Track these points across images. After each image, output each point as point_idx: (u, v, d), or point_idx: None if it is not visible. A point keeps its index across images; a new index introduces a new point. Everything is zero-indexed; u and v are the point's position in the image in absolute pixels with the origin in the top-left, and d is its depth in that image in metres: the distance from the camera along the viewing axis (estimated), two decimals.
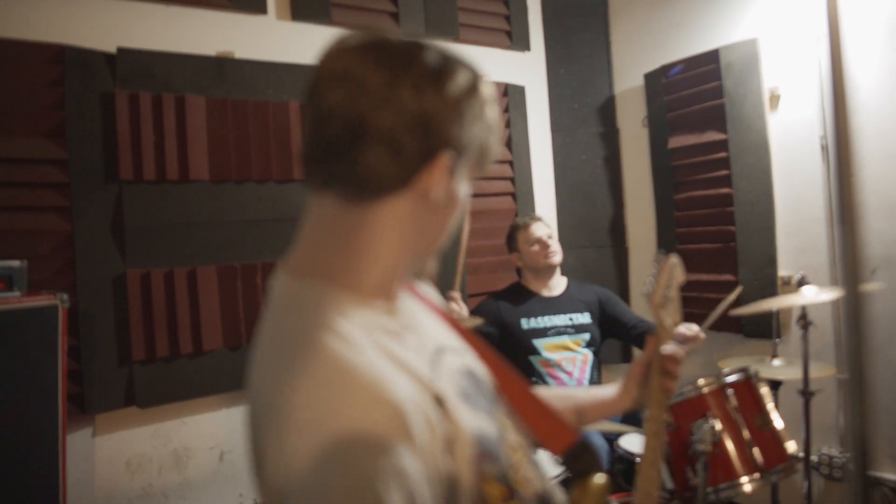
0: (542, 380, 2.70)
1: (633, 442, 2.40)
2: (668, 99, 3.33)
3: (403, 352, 0.76)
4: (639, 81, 3.50)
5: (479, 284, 3.25)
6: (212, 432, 2.54)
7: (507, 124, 3.46)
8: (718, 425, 2.04)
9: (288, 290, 0.79)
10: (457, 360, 0.87)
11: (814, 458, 2.83)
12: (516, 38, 3.54)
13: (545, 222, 2.84)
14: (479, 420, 0.79)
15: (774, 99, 2.96)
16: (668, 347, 1.16)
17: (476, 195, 3.24)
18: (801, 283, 2.31)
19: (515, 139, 3.48)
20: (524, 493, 0.81)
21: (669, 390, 1.14)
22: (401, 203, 0.76)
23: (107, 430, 2.35)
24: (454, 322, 1.01)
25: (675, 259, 1.27)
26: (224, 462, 2.55)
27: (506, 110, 3.46)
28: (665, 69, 3.32)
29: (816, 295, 2.26)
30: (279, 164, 2.65)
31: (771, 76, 2.95)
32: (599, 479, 0.88)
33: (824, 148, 2.78)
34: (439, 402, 0.73)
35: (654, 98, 3.42)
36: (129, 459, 2.38)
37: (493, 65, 3.45)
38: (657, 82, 3.38)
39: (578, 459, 0.91)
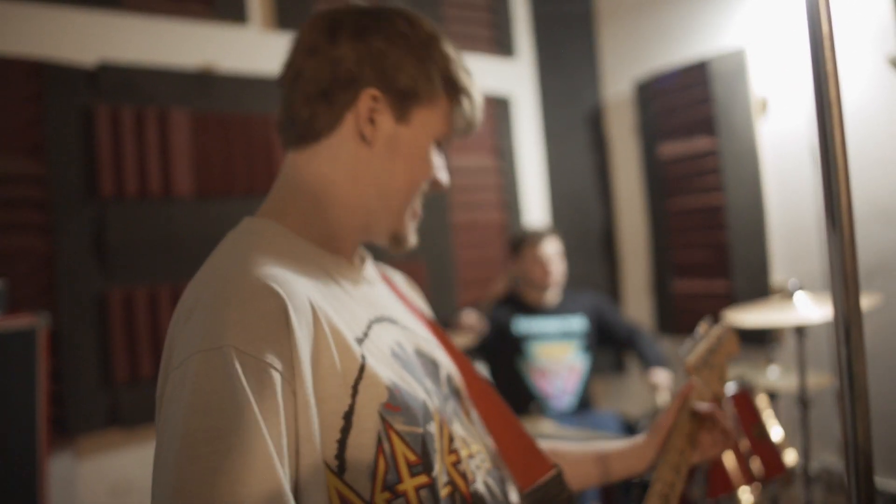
0: (530, 388, 2.66)
1: None
2: (657, 107, 3.32)
3: (327, 289, 0.76)
4: (628, 89, 3.49)
5: (470, 296, 3.21)
6: None
7: (495, 133, 3.44)
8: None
9: (237, 228, 0.84)
10: (402, 334, 0.86)
11: (814, 467, 2.80)
12: (503, 45, 3.52)
13: (557, 237, 2.80)
14: (402, 379, 0.77)
15: (764, 107, 2.94)
16: (700, 405, 1.04)
17: (463, 204, 3.22)
18: (795, 289, 2.28)
19: (503, 148, 3.46)
20: (457, 483, 0.77)
21: (688, 457, 1.00)
22: (338, 144, 0.82)
23: (90, 453, 2.29)
24: (430, 323, 0.99)
25: (727, 329, 1.19)
26: None
27: (493, 119, 3.44)
28: (657, 78, 3.31)
29: (811, 306, 2.23)
30: (265, 178, 2.61)
31: (760, 84, 2.94)
32: None
33: (814, 153, 2.76)
34: (343, 335, 0.72)
35: (644, 106, 3.40)
36: (114, 484, 2.31)
37: (480, 72, 3.42)
38: (647, 90, 3.37)
39: (554, 496, 0.87)
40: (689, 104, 3.17)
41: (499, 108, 3.47)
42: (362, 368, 0.71)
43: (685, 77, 3.18)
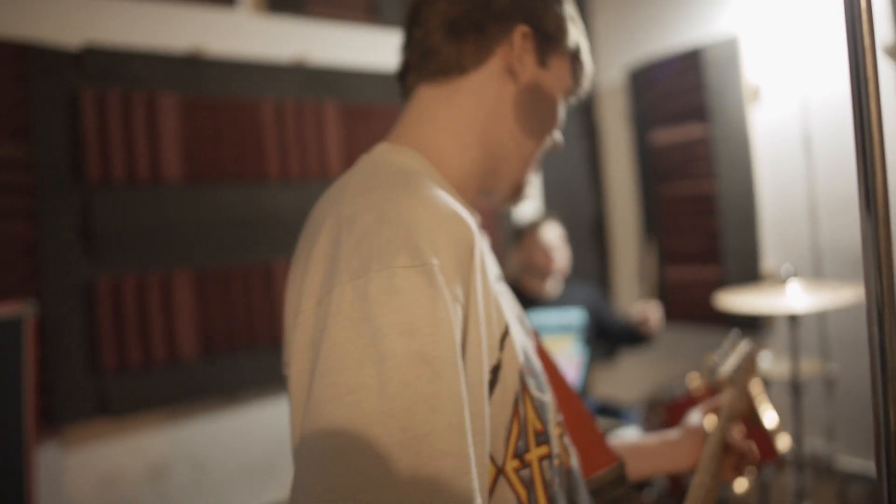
0: None
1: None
2: (650, 94, 3.31)
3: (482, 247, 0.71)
4: (621, 76, 3.48)
5: None
6: (190, 444, 2.45)
7: None
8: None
9: (374, 152, 0.77)
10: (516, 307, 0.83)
11: (807, 451, 2.83)
12: None
13: (558, 223, 2.78)
14: (526, 349, 0.75)
15: (756, 95, 2.94)
16: (739, 440, 1.03)
17: None
18: (789, 276, 2.29)
19: None
20: (563, 456, 0.75)
21: (724, 465, 1.02)
22: (485, 80, 0.78)
23: (78, 442, 2.25)
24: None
25: (751, 345, 1.18)
26: (205, 475, 2.47)
27: None
28: (651, 66, 3.30)
29: (802, 293, 2.24)
30: (255, 163, 2.57)
31: (752, 72, 2.94)
32: None
33: (806, 141, 2.77)
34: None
35: (636, 93, 3.39)
36: (102, 474, 2.28)
37: None
38: (640, 77, 3.36)
39: (611, 488, 0.84)
40: (682, 91, 3.17)
41: None
42: (507, 325, 0.68)
43: (678, 64, 3.17)
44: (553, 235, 2.69)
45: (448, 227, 0.60)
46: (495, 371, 0.64)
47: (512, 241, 2.84)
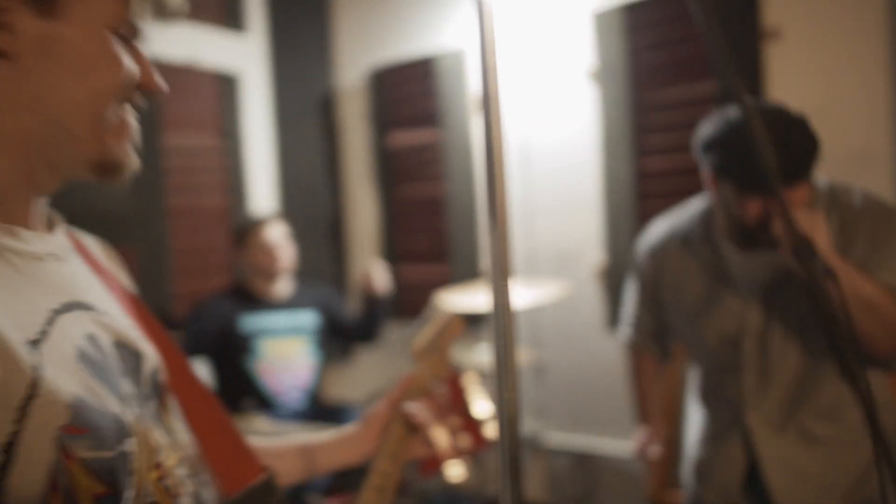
0: (258, 386, 2.55)
1: None
2: (388, 97, 3.40)
3: None
4: (361, 77, 3.51)
5: (190, 286, 2.98)
6: None
7: (220, 112, 3.23)
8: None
9: None
10: (98, 323, 0.68)
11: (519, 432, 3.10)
12: (233, 18, 3.31)
13: (282, 221, 2.68)
14: (91, 390, 0.62)
15: (479, 104, 3.15)
16: (413, 406, 1.04)
17: (181, 186, 2.97)
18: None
19: (229, 128, 3.26)
20: (161, 502, 0.66)
21: (407, 446, 1.03)
22: None
23: None
24: (134, 302, 0.82)
25: (453, 315, 1.19)
26: None
27: (219, 96, 3.22)
28: (389, 69, 3.37)
29: (514, 290, 2.47)
30: None
31: (477, 83, 3.14)
32: None
33: (521, 149, 3.04)
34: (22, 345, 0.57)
35: (375, 95, 3.45)
36: None
37: (206, 45, 3.18)
38: (379, 79, 3.42)
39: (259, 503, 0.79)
40: (416, 96, 3.30)
41: (225, 84, 3.26)
42: (35, 384, 0.55)
43: (414, 70, 3.29)
44: (276, 234, 2.61)
45: None
46: (8, 448, 0.54)
47: (234, 242, 2.71)
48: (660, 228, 1.65)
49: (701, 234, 1.51)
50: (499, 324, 0.67)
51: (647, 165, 2.75)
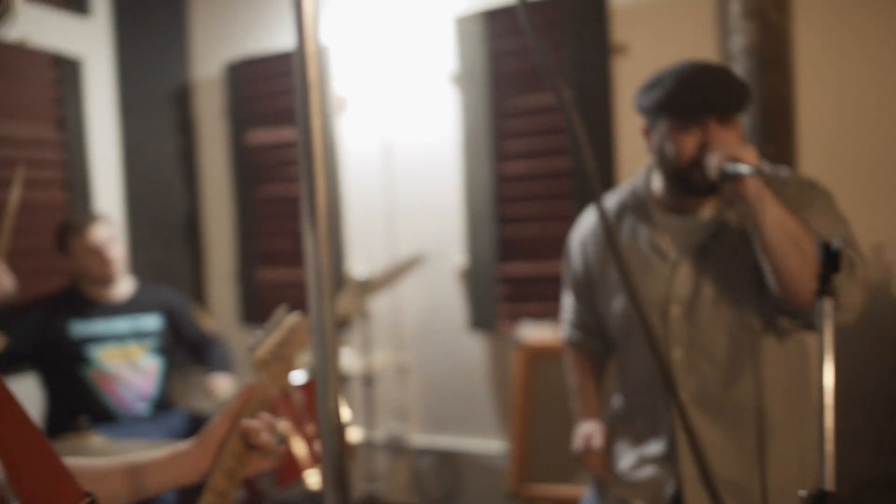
0: (96, 398, 2.35)
1: None
2: (247, 92, 3.26)
3: None
4: (219, 71, 3.35)
5: (24, 290, 2.70)
6: None
7: (59, 100, 2.96)
8: (284, 426, 2.03)
9: None
10: None
11: (381, 436, 3.09)
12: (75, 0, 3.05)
13: (107, 221, 2.46)
14: None
15: (342, 102, 3.11)
16: (253, 423, 0.98)
17: (11, 181, 2.68)
18: (363, 277, 2.47)
19: (69, 119, 3.00)
20: None
21: (246, 463, 0.97)
22: None
23: None
24: None
25: (299, 320, 1.14)
26: None
27: (58, 84, 2.96)
28: (249, 63, 3.23)
29: (375, 292, 2.45)
30: None
31: (340, 83, 3.09)
32: None
33: (385, 151, 3.03)
34: None
35: (234, 90, 3.30)
36: None
37: (45, 27, 2.89)
38: (238, 74, 3.28)
39: None
40: (277, 93, 3.19)
41: (65, 71, 2.99)
42: None
43: (274, 66, 3.18)
44: (103, 236, 2.40)
45: None
46: None
47: (56, 246, 2.46)
48: (586, 219, 1.63)
49: (632, 206, 1.50)
50: (320, 331, 0.65)
51: (506, 169, 2.82)
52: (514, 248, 2.82)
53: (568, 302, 1.68)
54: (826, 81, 2.38)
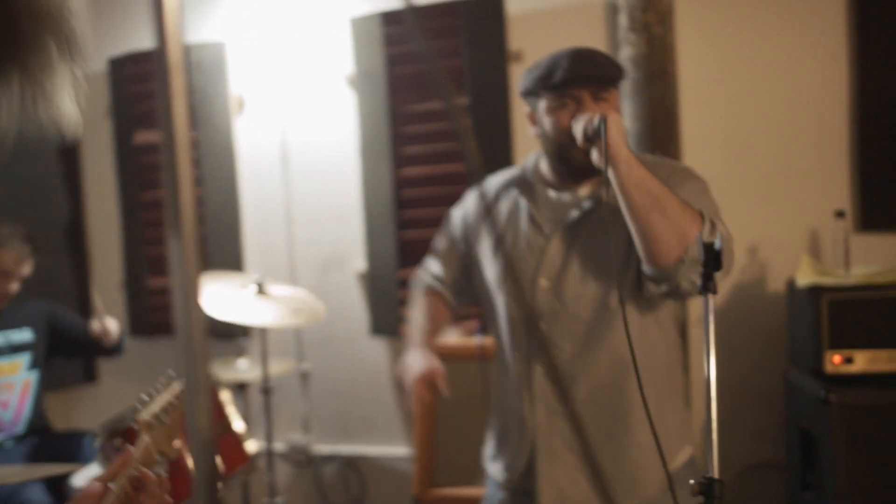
0: None
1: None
2: (135, 90, 3.09)
3: None
4: (102, 68, 3.16)
5: None
6: None
7: None
8: (178, 442, 1.93)
9: None
10: None
11: (282, 447, 3.00)
12: None
13: (12, 246, 2.27)
14: None
15: (240, 104, 3.01)
16: (142, 470, 0.97)
17: None
18: (259, 284, 2.38)
19: None
20: None
21: None
22: None
23: None
24: None
25: (182, 387, 1.09)
26: None
27: None
28: (135, 59, 3.06)
29: (274, 299, 2.37)
30: None
31: (237, 81, 2.99)
32: None
33: (284, 154, 2.95)
34: None
35: (119, 88, 3.13)
36: None
37: None
38: (123, 70, 3.10)
39: None
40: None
41: None
42: None
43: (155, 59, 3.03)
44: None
45: None
46: None
47: None
48: (471, 196, 1.65)
49: (518, 184, 1.53)
50: (186, 344, 0.61)
51: (405, 173, 2.82)
52: (414, 252, 2.81)
53: (433, 263, 1.68)
54: (707, 91, 2.53)
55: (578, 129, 1.32)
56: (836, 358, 2.08)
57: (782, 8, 2.50)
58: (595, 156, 1.33)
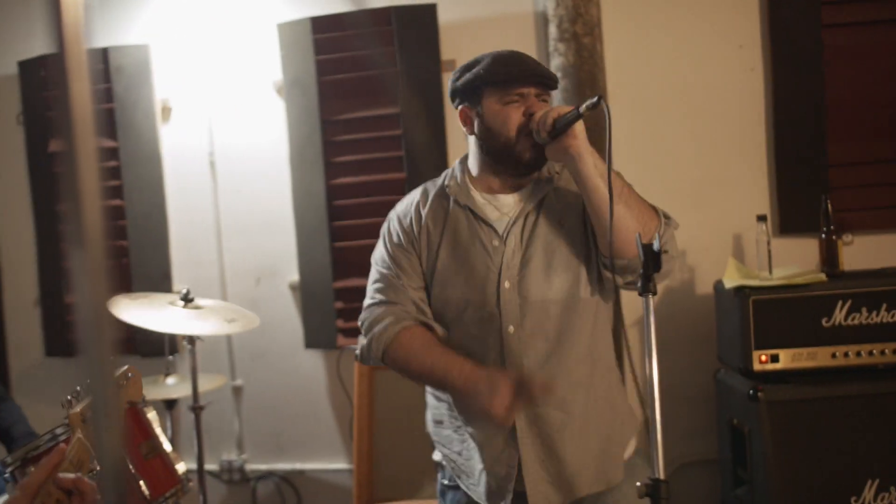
0: None
1: None
2: (46, 95, 2.93)
3: None
4: (12, 71, 2.98)
5: None
6: None
7: None
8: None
9: None
10: None
11: (215, 466, 2.89)
12: None
13: None
14: None
15: (166, 110, 2.90)
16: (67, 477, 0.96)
17: None
18: (186, 297, 2.29)
19: None
20: None
21: None
22: None
23: None
24: None
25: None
26: None
27: None
28: (45, 61, 2.89)
29: (203, 313, 2.28)
30: None
31: (163, 87, 2.88)
32: None
33: (212, 163, 2.86)
34: None
35: (31, 92, 2.95)
36: None
37: None
38: (35, 73, 2.93)
39: None
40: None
41: None
42: None
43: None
44: None
45: None
46: None
47: None
48: (405, 201, 1.55)
49: (451, 193, 1.46)
50: (93, 366, 0.56)
51: (337, 183, 2.76)
52: (347, 263, 2.75)
53: (401, 295, 1.46)
54: (635, 102, 2.60)
55: (547, 122, 1.31)
56: (763, 356, 2.17)
57: (702, 22, 2.60)
58: (552, 150, 1.34)
